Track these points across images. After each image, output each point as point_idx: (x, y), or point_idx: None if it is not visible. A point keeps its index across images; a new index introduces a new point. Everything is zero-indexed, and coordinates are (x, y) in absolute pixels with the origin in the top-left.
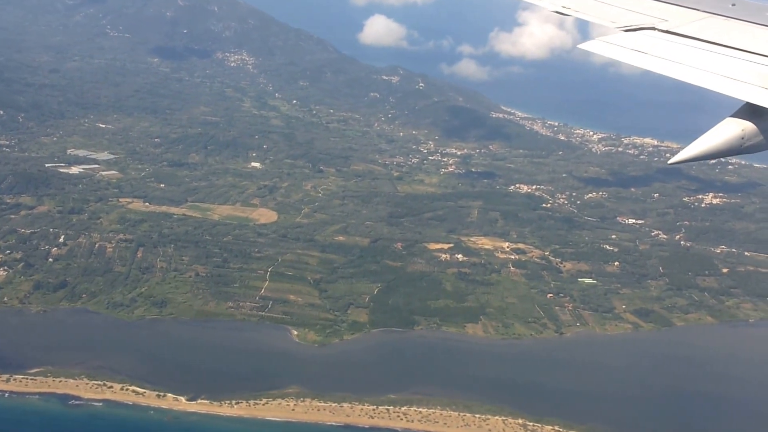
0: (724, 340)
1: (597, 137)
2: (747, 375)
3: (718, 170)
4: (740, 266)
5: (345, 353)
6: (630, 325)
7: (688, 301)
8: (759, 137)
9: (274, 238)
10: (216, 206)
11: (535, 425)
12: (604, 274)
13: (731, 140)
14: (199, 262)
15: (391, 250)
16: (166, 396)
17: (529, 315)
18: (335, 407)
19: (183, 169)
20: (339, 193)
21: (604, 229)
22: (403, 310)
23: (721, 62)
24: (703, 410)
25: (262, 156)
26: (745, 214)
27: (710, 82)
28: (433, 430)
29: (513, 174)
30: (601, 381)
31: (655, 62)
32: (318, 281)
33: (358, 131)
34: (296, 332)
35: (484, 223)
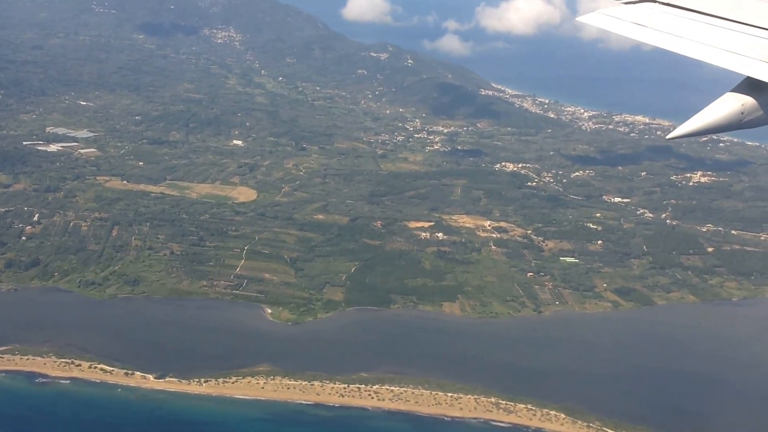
0: (705, 319)
1: (587, 115)
2: (726, 353)
3: (709, 148)
4: (726, 245)
5: (318, 332)
6: (610, 303)
7: (670, 279)
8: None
9: (252, 216)
10: (195, 185)
11: (508, 404)
12: (587, 252)
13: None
14: (174, 241)
15: (371, 228)
16: (135, 374)
17: (507, 294)
18: (305, 385)
19: (163, 147)
20: (321, 171)
21: (589, 207)
22: (379, 289)
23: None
24: (681, 388)
25: (245, 134)
26: (733, 192)
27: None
28: (404, 408)
29: (500, 152)
30: (577, 359)
31: (655, 36)
32: (294, 260)
33: (344, 109)
34: (270, 311)
35: (466, 201)
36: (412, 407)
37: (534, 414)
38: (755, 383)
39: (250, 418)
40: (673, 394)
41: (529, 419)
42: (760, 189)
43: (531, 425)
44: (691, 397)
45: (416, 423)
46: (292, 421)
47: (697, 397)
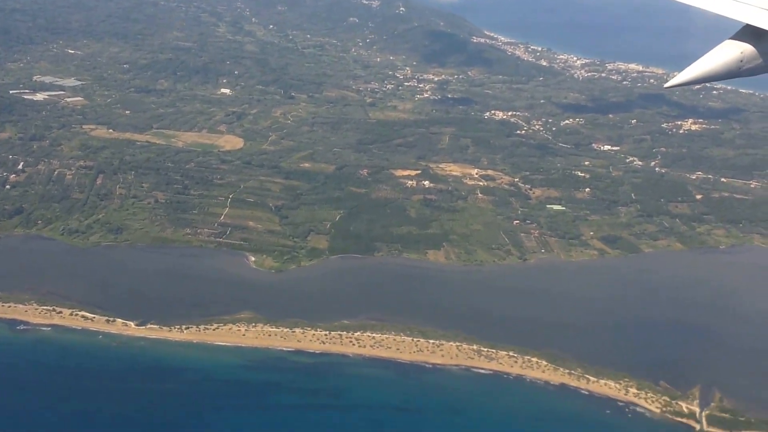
0: (691, 267)
1: (580, 63)
2: (711, 301)
3: (702, 96)
4: (715, 192)
5: (301, 279)
6: (596, 251)
7: (658, 227)
8: (758, 60)
9: (237, 165)
10: (181, 133)
11: (489, 351)
12: (574, 200)
13: (730, 63)
14: (159, 189)
15: (357, 176)
16: (116, 321)
17: (493, 242)
18: (287, 333)
19: (150, 95)
20: (309, 119)
21: (577, 155)
22: (364, 237)
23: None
24: (665, 337)
25: (233, 82)
26: (724, 140)
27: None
28: (385, 355)
29: (490, 100)
30: (561, 307)
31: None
32: (279, 208)
33: (334, 57)
34: (254, 258)
35: (454, 149)
36: (393, 354)
37: (516, 361)
38: (739, 331)
39: (230, 365)
40: (656, 342)
41: (510, 366)
42: (751, 137)
43: (512, 372)
44: (674, 345)
45: (397, 370)
46: (273, 368)
47: (680, 345)
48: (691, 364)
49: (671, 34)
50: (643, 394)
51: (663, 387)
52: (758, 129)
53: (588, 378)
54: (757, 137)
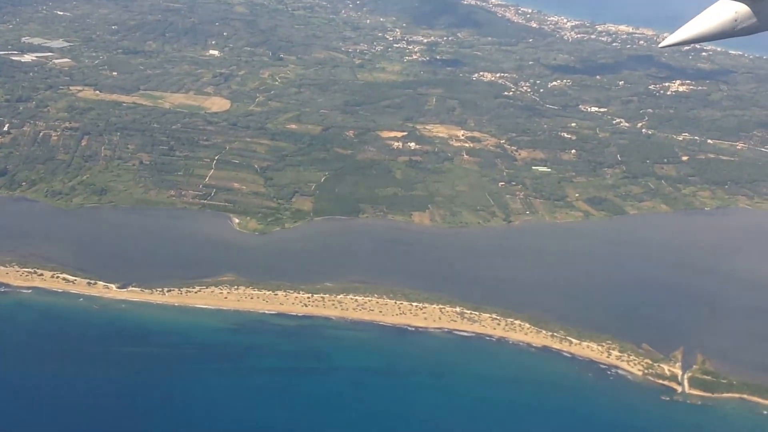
0: (675, 228)
1: (570, 24)
2: (694, 262)
3: (692, 57)
4: (701, 154)
5: (285, 241)
6: (581, 213)
7: (643, 189)
8: (752, 19)
9: (224, 126)
10: (168, 94)
11: (472, 313)
12: (560, 162)
13: (724, 23)
14: (144, 151)
15: (343, 138)
16: (97, 284)
17: (478, 203)
18: (269, 295)
19: (138, 56)
20: (296, 81)
21: (564, 117)
22: (349, 199)
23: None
24: (648, 298)
25: (222, 44)
26: (711, 101)
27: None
28: (368, 318)
29: (479, 62)
30: (545, 269)
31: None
32: (265, 169)
33: (324, 18)
34: (237, 220)
35: (441, 111)
36: (375, 317)
37: (498, 323)
38: (724, 293)
39: (211, 328)
40: (640, 304)
41: (493, 328)
42: (738, 98)
43: (495, 334)
44: (658, 307)
45: (379, 332)
46: (254, 330)
47: (664, 307)
48: (674, 326)
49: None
50: (626, 357)
51: (646, 349)
52: (746, 90)
53: (570, 340)
54: (745, 99)
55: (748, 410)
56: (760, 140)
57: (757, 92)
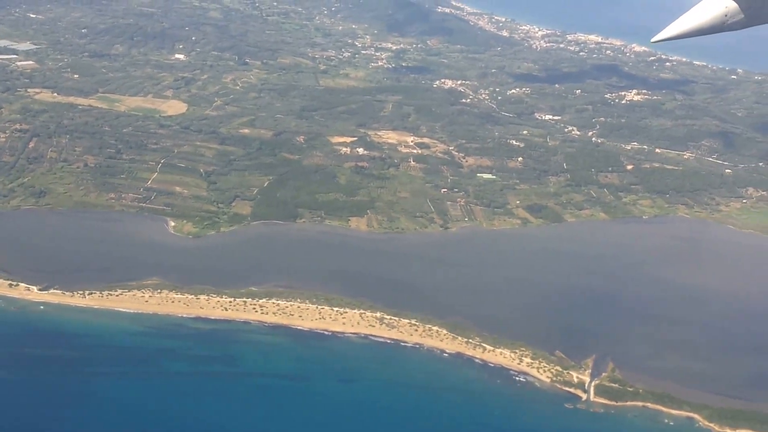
0: (608, 236)
1: (541, 33)
2: (620, 271)
3: (656, 67)
4: (646, 163)
5: (217, 246)
6: (519, 220)
7: (584, 197)
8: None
9: (176, 129)
10: (126, 97)
11: (392, 319)
12: (506, 169)
13: (715, 18)
14: (91, 153)
15: (292, 143)
16: (18, 285)
17: (418, 209)
18: (191, 299)
19: (103, 59)
20: (258, 86)
21: (518, 125)
22: (289, 203)
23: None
24: (567, 305)
25: (189, 48)
26: (664, 111)
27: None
28: (286, 322)
29: (444, 69)
30: (472, 276)
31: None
32: (210, 173)
33: (297, 24)
34: (173, 224)
35: (396, 117)
36: (294, 321)
37: (416, 329)
38: (644, 301)
39: (126, 331)
40: (560, 312)
41: (410, 335)
42: (691, 108)
43: (410, 340)
44: (578, 314)
45: (294, 336)
46: (169, 334)
47: (583, 315)
48: (591, 333)
49: (639, 5)
50: (537, 364)
51: (558, 357)
52: (701, 100)
53: (485, 347)
54: (698, 108)
55: (649, 419)
56: (708, 150)
57: (711, 102)
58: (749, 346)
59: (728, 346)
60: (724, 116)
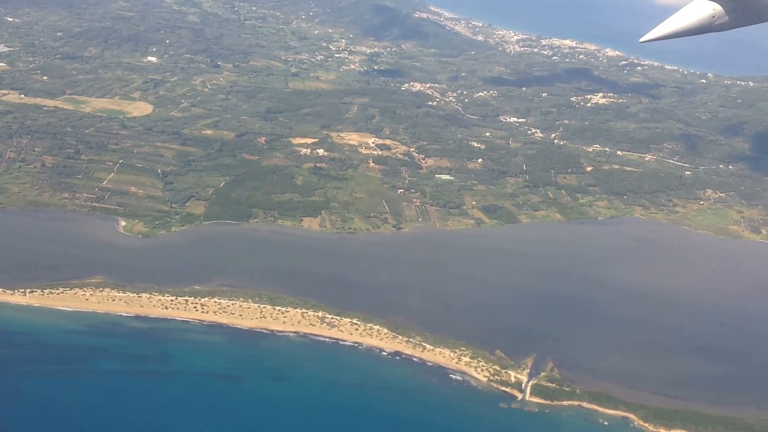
0: (560, 237)
1: (516, 38)
2: (567, 271)
3: (627, 72)
4: (606, 165)
5: (166, 245)
6: (473, 221)
7: (541, 198)
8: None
9: (138, 130)
10: (93, 99)
11: (334, 318)
12: (465, 170)
13: (702, 19)
14: (50, 153)
15: (253, 144)
16: None
17: (372, 210)
18: (132, 298)
19: (75, 62)
20: (226, 88)
21: (481, 127)
22: (243, 204)
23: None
24: (513, 305)
25: (162, 51)
26: (628, 114)
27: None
28: (226, 321)
29: (415, 72)
30: (419, 275)
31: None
32: (167, 174)
33: (274, 28)
34: (124, 223)
35: (360, 119)
36: (234, 320)
37: (357, 328)
38: (589, 301)
39: (63, 330)
40: (505, 311)
41: (350, 334)
42: (656, 111)
43: (349, 339)
44: (522, 314)
45: (231, 335)
46: (106, 333)
47: (528, 315)
48: (533, 333)
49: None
50: (475, 363)
51: (498, 356)
52: (667, 104)
53: (424, 346)
54: (663, 112)
55: (583, 418)
56: (670, 152)
57: (677, 106)
58: (692, 345)
59: (671, 345)
60: (689, 119)
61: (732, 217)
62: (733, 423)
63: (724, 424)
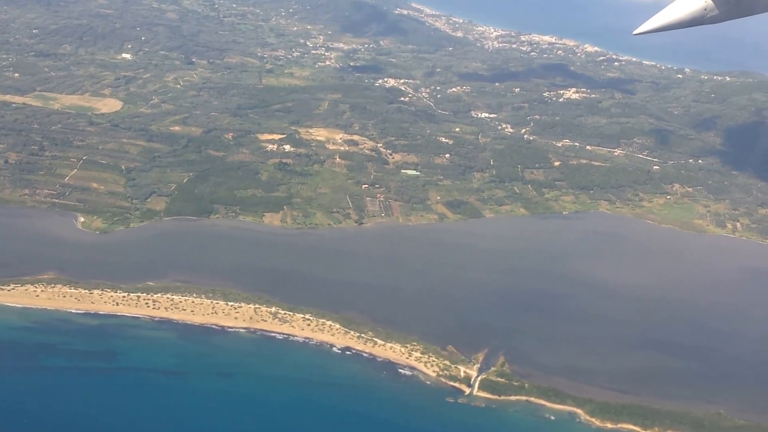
0: (522, 232)
1: (496, 34)
2: (526, 265)
3: (604, 66)
4: (574, 160)
5: (123, 241)
6: (436, 215)
7: (507, 193)
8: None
9: (105, 127)
10: (63, 96)
11: (286, 313)
12: (431, 166)
13: (695, 11)
14: (15, 150)
15: (221, 140)
16: None
17: (336, 205)
18: (84, 294)
19: (48, 59)
20: (199, 84)
21: (452, 122)
22: (205, 199)
23: None
24: (469, 299)
25: (137, 48)
26: (600, 109)
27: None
28: (177, 317)
29: (390, 68)
30: (377, 270)
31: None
32: (131, 170)
33: (252, 25)
34: (83, 219)
35: (330, 115)
36: (185, 316)
37: (309, 324)
38: (546, 296)
39: (10, 326)
40: (461, 306)
41: (301, 329)
42: (628, 106)
43: (300, 335)
44: (478, 308)
45: (181, 331)
46: (54, 330)
47: (484, 309)
48: (487, 328)
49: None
50: (425, 358)
51: (450, 351)
52: (640, 99)
53: (376, 341)
54: (635, 107)
55: (530, 413)
56: (639, 147)
57: (650, 101)
58: (646, 340)
59: (625, 340)
60: (660, 114)
61: (698, 211)
62: (681, 417)
63: (671, 419)
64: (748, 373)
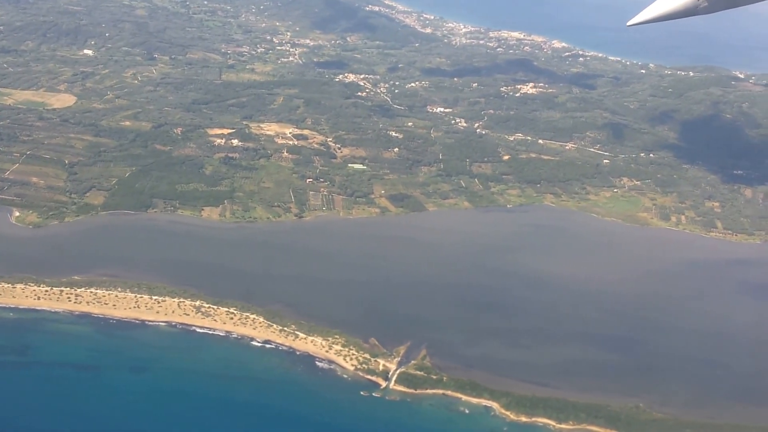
0: (462, 225)
1: (465, 30)
2: (458, 258)
3: (569, 62)
4: (523, 153)
5: (55, 235)
6: (378, 209)
7: (453, 187)
8: None
9: (54, 122)
10: (17, 91)
11: (210, 307)
12: (379, 160)
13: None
14: None
15: (169, 134)
16: None
17: (278, 199)
18: (6, 288)
19: (9, 55)
20: (157, 80)
21: (406, 117)
22: (145, 194)
23: None
24: (398, 293)
25: (100, 44)
26: (556, 103)
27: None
28: (97, 311)
29: (354, 64)
30: (308, 263)
31: None
32: (74, 164)
33: (221, 21)
34: (18, 214)
35: (284, 110)
36: (106, 310)
37: (232, 318)
38: (475, 288)
39: None
40: (389, 300)
41: (223, 323)
42: (584, 100)
43: (222, 329)
44: (407, 302)
45: (99, 326)
46: None
47: (413, 303)
48: (413, 321)
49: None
50: (345, 351)
51: (371, 344)
52: (598, 94)
53: (297, 334)
54: (591, 101)
55: (445, 407)
56: (592, 141)
57: (607, 96)
58: (573, 332)
59: (553, 333)
60: (616, 108)
61: (644, 204)
62: (597, 410)
63: (587, 412)
64: (673, 365)
